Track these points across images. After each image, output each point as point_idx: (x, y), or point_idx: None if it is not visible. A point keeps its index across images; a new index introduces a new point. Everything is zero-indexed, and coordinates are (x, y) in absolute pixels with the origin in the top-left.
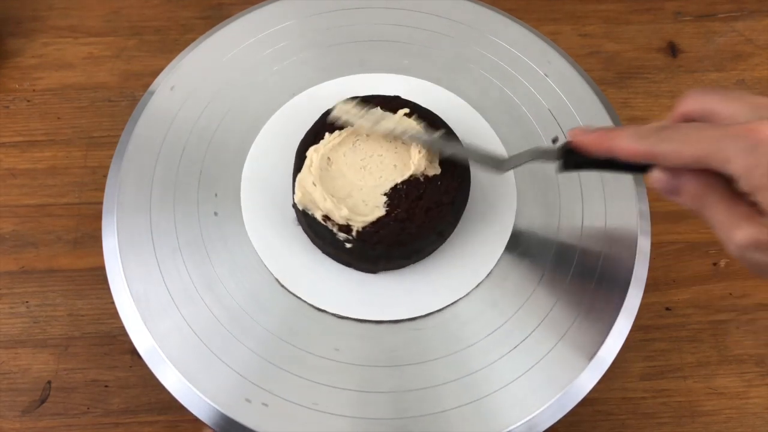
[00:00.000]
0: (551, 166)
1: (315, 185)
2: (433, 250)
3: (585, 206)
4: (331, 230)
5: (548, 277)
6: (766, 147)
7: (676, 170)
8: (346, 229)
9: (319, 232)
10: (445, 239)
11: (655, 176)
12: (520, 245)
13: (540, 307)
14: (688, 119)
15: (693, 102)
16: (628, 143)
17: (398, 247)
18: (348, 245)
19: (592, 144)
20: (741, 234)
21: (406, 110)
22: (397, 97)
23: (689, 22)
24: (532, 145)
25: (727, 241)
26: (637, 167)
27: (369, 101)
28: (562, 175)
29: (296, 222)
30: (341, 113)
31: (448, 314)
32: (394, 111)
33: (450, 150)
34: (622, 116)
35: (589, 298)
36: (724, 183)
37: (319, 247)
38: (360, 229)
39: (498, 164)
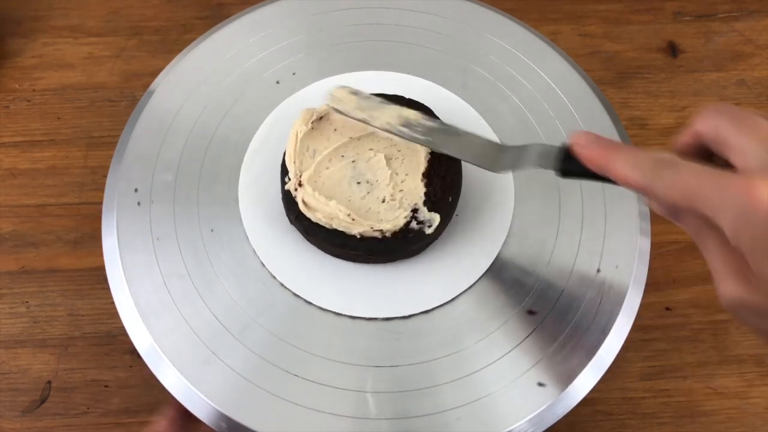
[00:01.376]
0: None
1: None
2: (430, 243)
3: (585, 206)
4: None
5: (547, 277)
6: (759, 213)
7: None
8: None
9: (311, 230)
10: (442, 229)
11: (654, 204)
12: (518, 243)
13: (539, 307)
14: (700, 140)
15: (707, 124)
16: (624, 170)
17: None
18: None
19: (589, 160)
20: (730, 290)
21: (401, 102)
22: (399, 97)
23: (689, 22)
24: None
25: (717, 292)
26: None
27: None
28: None
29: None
30: (335, 102)
31: (448, 312)
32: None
33: (445, 149)
34: (622, 116)
35: (589, 298)
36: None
37: (327, 251)
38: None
39: (494, 165)
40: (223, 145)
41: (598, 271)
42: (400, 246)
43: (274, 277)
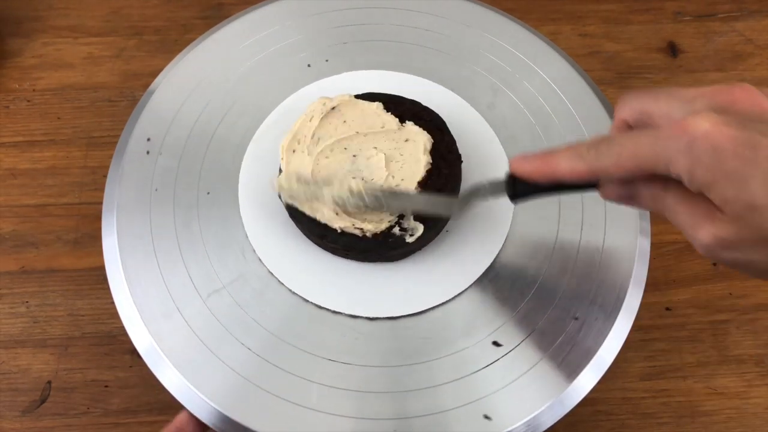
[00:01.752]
0: None
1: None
2: (412, 252)
3: (585, 206)
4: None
5: (547, 277)
6: (701, 142)
7: (626, 180)
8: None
9: (309, 227)
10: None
11: (606, 191)
12: (518, 243)
13: (539, 307)
14: (627, 125)
15: (627, 108)
16: (568, 165)
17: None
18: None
19: (534, 173)
20: (703, 234)
21: (351, 178)
22: (400, 97)
23: (689, 22)
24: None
25: (693, 243)
26: (587, 185)
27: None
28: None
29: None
30: (285, 194)
31: (448, 311)
32: (397, 111)
33: (396, 209)
34: None
35: (589, 298)
36: (678, 183)
37: (310, 238)
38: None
39: (448, 211)
40: (223, 145)
41: (598, 271)
42: (378, 248)
43: (275, 277)
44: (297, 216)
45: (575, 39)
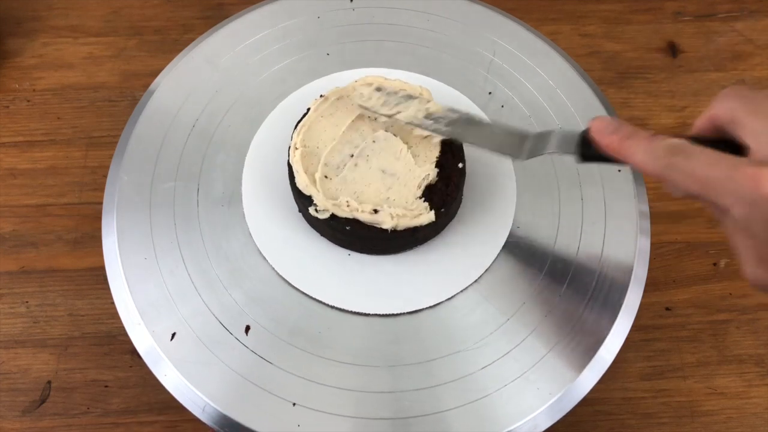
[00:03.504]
0: (550, 164)
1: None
2: (434, 235)
3: (585, 206)
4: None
5: (547, 277)
6: (764, 203)
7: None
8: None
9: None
10: (448, 221)
11: (672, 190)
12: (519, 242)
13: (539, 307)
14: (716, 123)
15: (722, 108)
16: (641, 159)
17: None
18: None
19: (609, 147)
20: (750, 272)
21: (426, 92)
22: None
23: (689, 22)
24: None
25: (741, 270)
26: None
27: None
28: (561, 174)
29: (299, 216)
30: (361, 100)
31: (448, 310)
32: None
33: (469, 139)
34: (622, 116)
35: (589, 298)
36: None
37: (316, 228)
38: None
39: (517, 153)
40: (223, 145)
41: (598, 271)
42: (386, 237)
43: (277, 273)
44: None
45: (575, 39)
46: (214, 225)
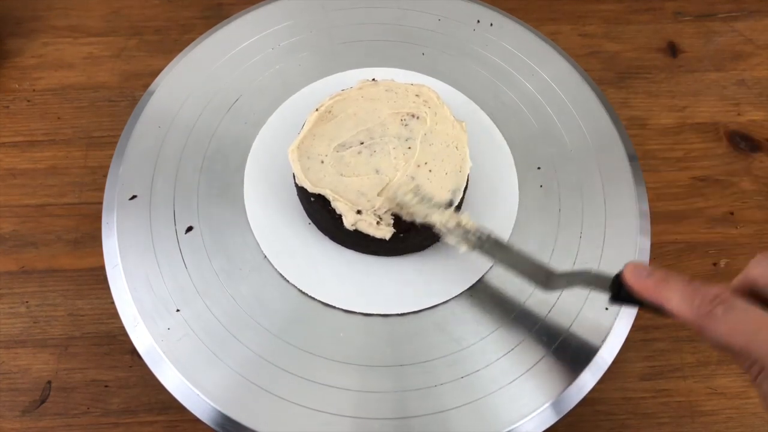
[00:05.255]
0: (550, 155)
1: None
2: (437, 239)
3: (585, 206)
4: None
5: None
6: None
7: None
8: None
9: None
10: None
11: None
12: (519, 241)
13: (539, 307)
14: (753, 287)
15: (761, 269)
16: (677, 305)
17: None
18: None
19: (644, 291)
20: None
21: (455, 211)
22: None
23: (689, 22)
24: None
25: None
26: None
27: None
28: (561, 173)
29: (301, 217)
30: (396, 194)
31: (448, 310)
32: None
33: (497, 259)
34: (622, 116)
35: (589, 298)
36: None
37: (317, 224)
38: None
39: (544, 282)
40: (223, 145)
41: (598, 270)
42: (357, 235)
43: (278, 272)
44: (309, 205)
45: (575, 39)
46: (215, 224)
